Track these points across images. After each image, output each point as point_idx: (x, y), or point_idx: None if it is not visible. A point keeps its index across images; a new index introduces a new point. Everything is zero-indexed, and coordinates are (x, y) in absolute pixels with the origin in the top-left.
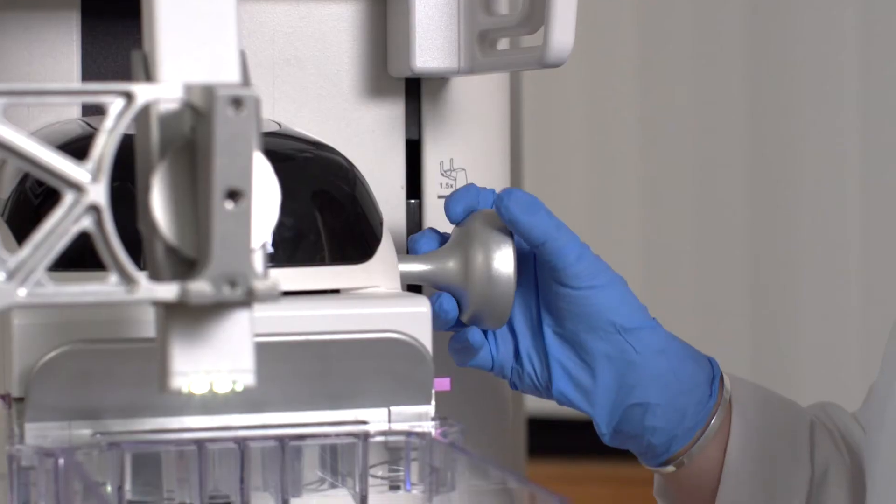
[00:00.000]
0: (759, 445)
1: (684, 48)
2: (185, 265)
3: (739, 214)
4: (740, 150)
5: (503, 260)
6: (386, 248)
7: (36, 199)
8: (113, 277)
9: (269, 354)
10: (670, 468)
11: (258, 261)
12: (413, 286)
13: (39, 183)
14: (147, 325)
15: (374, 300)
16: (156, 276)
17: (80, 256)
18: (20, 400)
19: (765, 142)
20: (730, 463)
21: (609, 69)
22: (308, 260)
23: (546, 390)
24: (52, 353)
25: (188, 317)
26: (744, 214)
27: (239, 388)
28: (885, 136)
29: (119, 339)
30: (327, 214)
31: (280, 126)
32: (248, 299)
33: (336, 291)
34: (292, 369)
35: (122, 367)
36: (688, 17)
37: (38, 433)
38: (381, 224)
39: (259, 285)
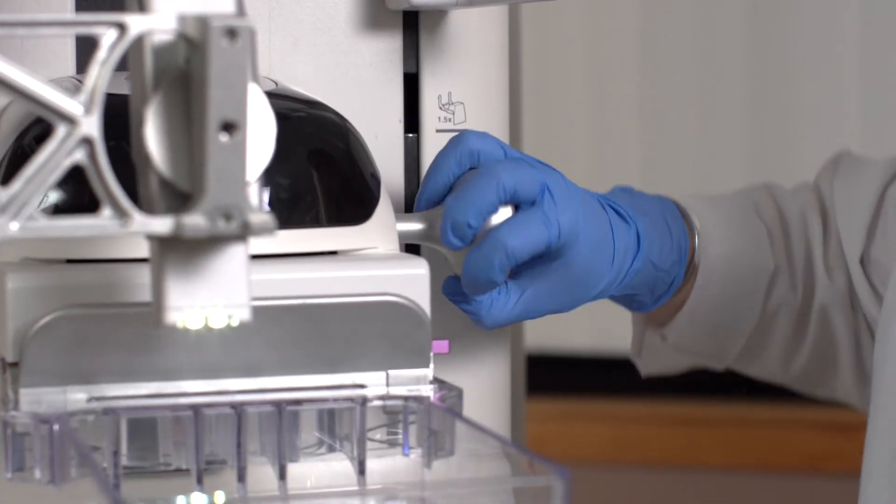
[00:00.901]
0: (716, 297)
1: None
2: (179, 198)
3: (739, 143)
4: (740, 82)
5: (500, 216)
6: (383, 209)
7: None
8: (106, 211)
9: (266, 318)
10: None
11: (253, 194)
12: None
13: (36, 139)
14: (143, 288)
15: (371, 262)
16: (150, 210)
17: None
18: (14, 365)
19: (765, 64)
20: (686, 310)
21: (608, 0)
22: (304, 221)
23: None
24: (47, 318)
25: (183, 251)
26: (744, 137)
27: (234, 322)
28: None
29: (115, 304)
30: (324, 175)
31: (276, 84)
32: (244, 233)
33: (333, 253)
34: (289, 333)
35: (118, 331)
36: None
37: (33, 399)
38: (378, 184)
39: (254, 218)
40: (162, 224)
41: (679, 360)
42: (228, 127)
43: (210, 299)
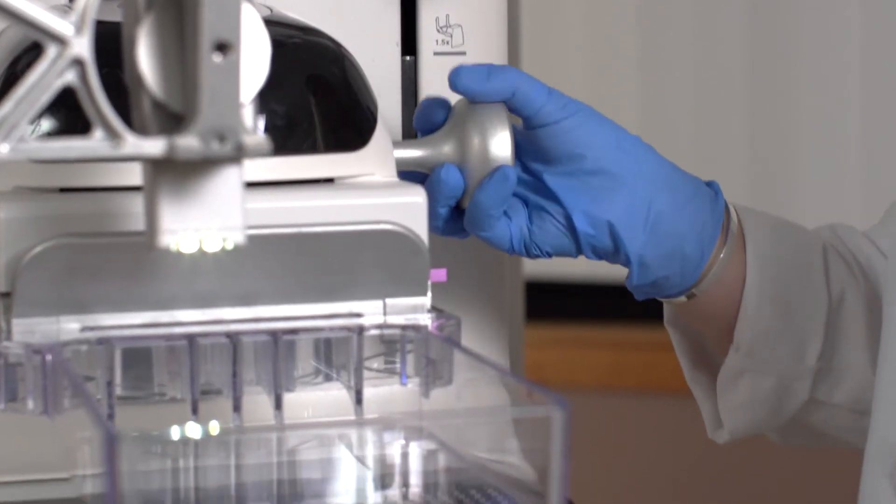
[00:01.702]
0: (775, 273)
1: None
2: (172, 120)
3: (739, 80)
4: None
5: (500, 143)
6: (380, 135)
7: None
8: (98, 133)
9: (262, 247)
10: (682, 298)
11: (248, 115)
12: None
13: (29, 64)
14: (137, 217)
15: (368, 190)
16: (143, 132)
17: None
18: (7, 295)
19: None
20: (748, 292)
21: None
22: (300, 149)
23: (570, 233)
24: (40, 247)
25: (176, 173)
26: (743, 80)
27: (229, 245)
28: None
29: (108, 233)
30: (320, 101)
31: (271, 11)
32: (238, 154)
33: (329, 181)
34: (285, 262)
35: (112, 260)
36: None
37: (26, 329)
38: (375, 110)
39: (249, 140)
40: (155, 146)
41: (760, 387)
42: (222, 47)
43: (204, 222)
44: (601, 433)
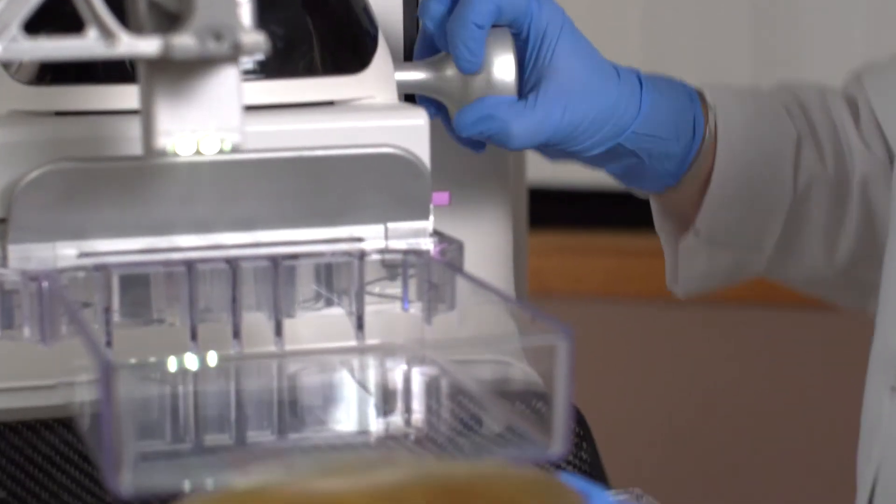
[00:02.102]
0: (742, 170)
1: None
2: (168, 19)
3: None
4: None
5: (503, 67)
6: (382, 57)
7: None
8: (92, 32)
9: (261, 171)
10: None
11: (245, 14)
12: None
13: None
14: (134, 142)
15: (369, 113)
16: (138, 31)
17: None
18: (2, 221)
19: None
20: (713, 188)
21: None
22: (300, 70)
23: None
24: (36, 173)
25: (172, 74)
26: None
27: (227, 146)
28: None
29: (105, 158)
30: (319, 23)
31: None
32: (235, 53)
33: (330, 104)
34: (285, 186)
35: (109, 185)
36: None
37: (22, 255)
38: (376, 32)
39: (246, 38)
40: (150, 45)
41: (717, 261)
42: None
43: (201, 123)
44: (604, 340)
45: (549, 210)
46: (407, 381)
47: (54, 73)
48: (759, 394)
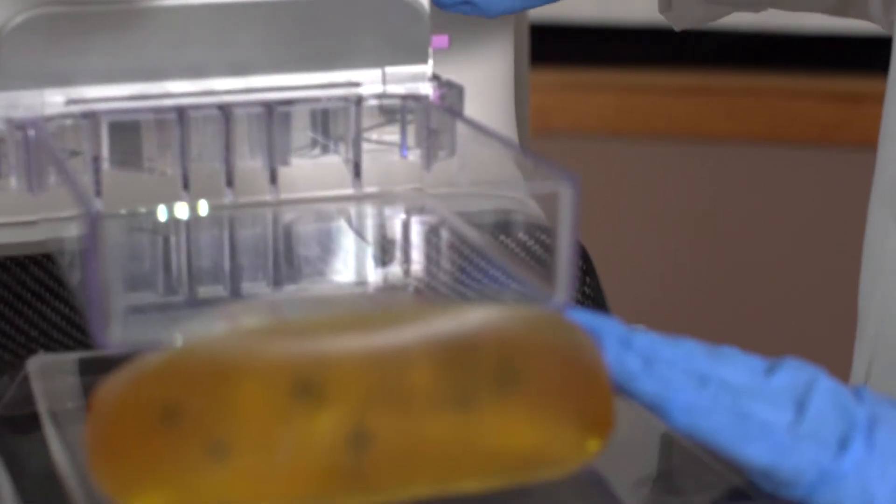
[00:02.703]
0: None
1: None
2: None
3: None
4: None
5: None
6: None
7: None
8: None
9: (254, 13)
10: None
11: None
12: None
13: None
14: None
15: None
16: None
17: None
18: None
19: None
20: None
21: None
22: None
23: None
24: (22, 17)
25: None
26: None
27: None
28: None
29: (94, 0)
30: None
31: None
32: None
33: None
34: (279, 29)
35: (98, 30)
36: None
37: (8, 102)
38: None
39: None
40: None
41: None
42: None
43: None
44: (607, 178)
45: (552, 46)
46: (406, 230)
47: None
48: (763, 231)
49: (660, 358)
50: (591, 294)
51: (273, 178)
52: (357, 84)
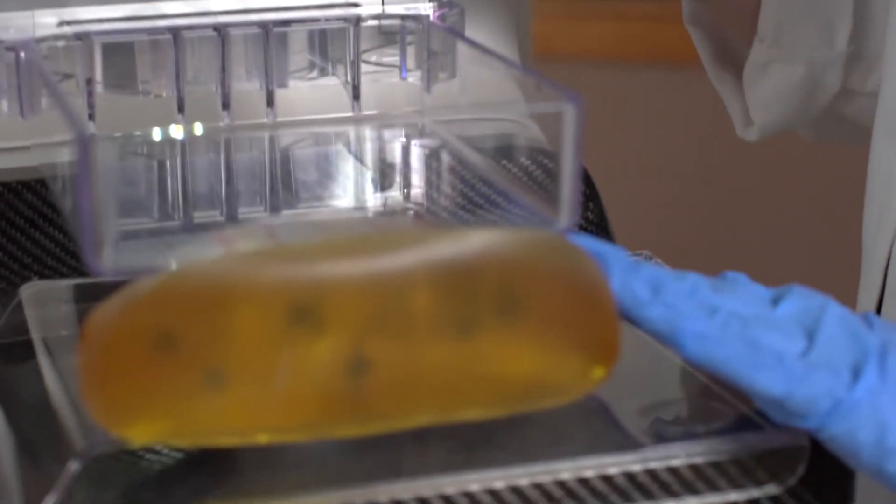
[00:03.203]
0: None
1: None
2: None
3: None
4: None
5: None
6: None
7: None
8: None
9: None
10: None
11: None
12: None
13: None
14: None
15: None
16: None
17: None
18: None
19: None
20: None
21: None
22: None
23: None
24: None
25: None
26: None
27: None
28: None
29: None
30: None
31: None
32: None
33: None
34: None
35: None
36: None
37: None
38: None
39: None
40: None
41: (789, 78)
42: None
43: None
44: (608, 105)
45: None
46: (406, 153)
47: None
48: (766, 157)
49: (667, 287)
50: (594, 220)
51: (270, 101)
52: (356, 4)
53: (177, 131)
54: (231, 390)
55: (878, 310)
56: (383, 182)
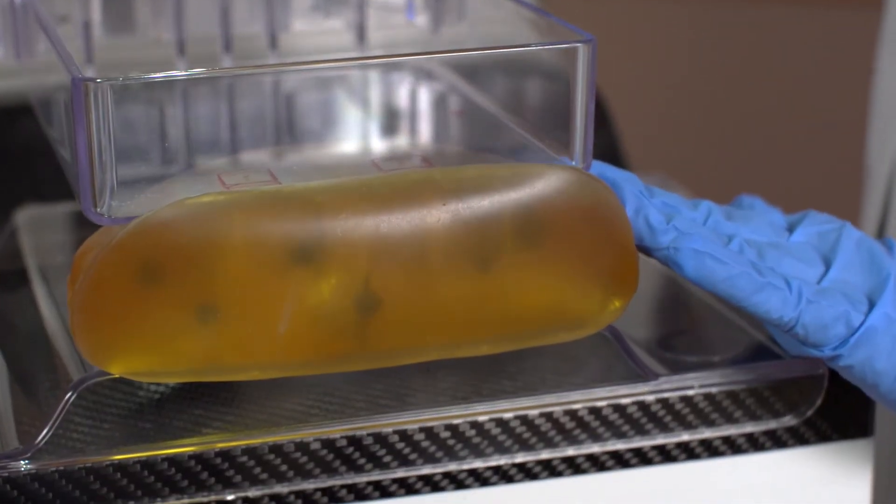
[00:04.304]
0: None
1: None
2: None
3: None
4: None
5: None
6: None
7: None
8: None
9: None
10: None
11: None
12: None
13: None
14: None
15: None
16: None
17: None
18: None
19: None
20: None
21: None
22: None
23: None
24: None
25: None
26: None
27: None
28: None
29: None
30: None
31: None
32: None
33: None
34: None
35: None
36: None
37: None
38: None
39: None
40: None
41: None
42: None
43: None
44: (619, 33)
45: None
46: (413, 97)
47: None
48: (775, 81)
49: (680, 215)
50: (606, 142)
51: (273, 43)
52: None
53: (178, 72)
54: (225, 327)
55: (881, 229)
56: (389, 127)
